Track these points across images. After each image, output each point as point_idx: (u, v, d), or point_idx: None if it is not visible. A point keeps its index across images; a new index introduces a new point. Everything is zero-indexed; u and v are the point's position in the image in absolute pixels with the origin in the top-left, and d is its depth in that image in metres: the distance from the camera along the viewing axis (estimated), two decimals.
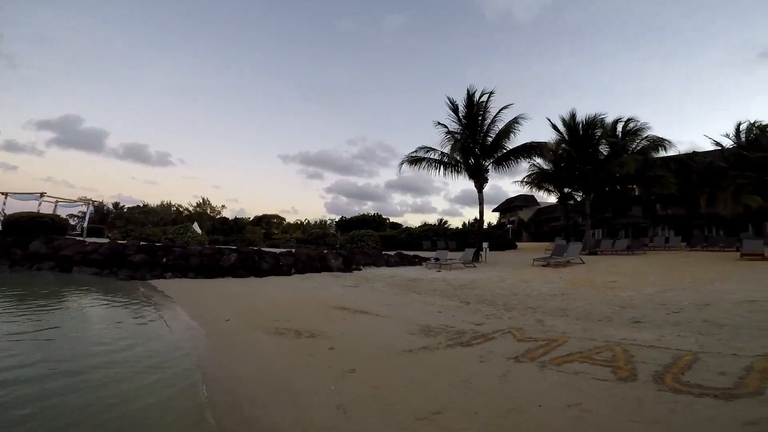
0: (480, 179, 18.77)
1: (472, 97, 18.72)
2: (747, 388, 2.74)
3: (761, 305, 5.65)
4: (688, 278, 9.18)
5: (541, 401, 2.74)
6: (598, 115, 22.41)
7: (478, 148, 18.93)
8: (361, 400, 2.91)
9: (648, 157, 22.33)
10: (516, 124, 18.19)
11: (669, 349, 3.86)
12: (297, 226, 61.41)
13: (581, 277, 10.32)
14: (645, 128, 23.24)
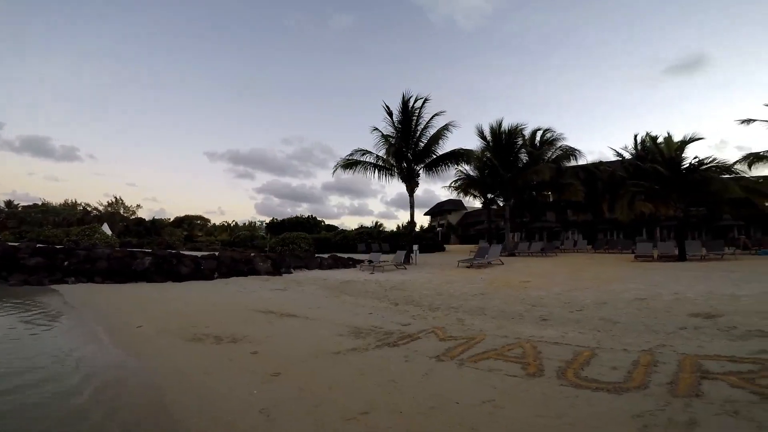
0: (411, 183, 19.25)
1: (407, 102, 19.16)
2: (634, 382, 3.00)
3: (647, 303, 6.40)
4: (591, 278, 10.18)
5: (459, 398, 2.83)
6: (519, 125, 24.23)
7: (410, 153, 19.39)
8: (285, 403, 2.86)
9: (561, 165, 24.56)
10: (446, 130, 18.91)
11: (571, 346, 4.15)
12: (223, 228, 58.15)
13: (500, 278, 10.99)
14: (560, 138, 25.59)
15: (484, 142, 24.96)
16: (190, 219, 58.53)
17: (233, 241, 36.94)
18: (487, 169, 24.77)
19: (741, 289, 7.19)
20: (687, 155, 16.39)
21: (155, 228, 46.23)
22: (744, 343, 3.80)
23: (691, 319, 5.03)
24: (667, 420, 2.32)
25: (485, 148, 24.80)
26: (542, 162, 23.80)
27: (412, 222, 20.34)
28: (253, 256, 15.46)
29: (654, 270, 11.79)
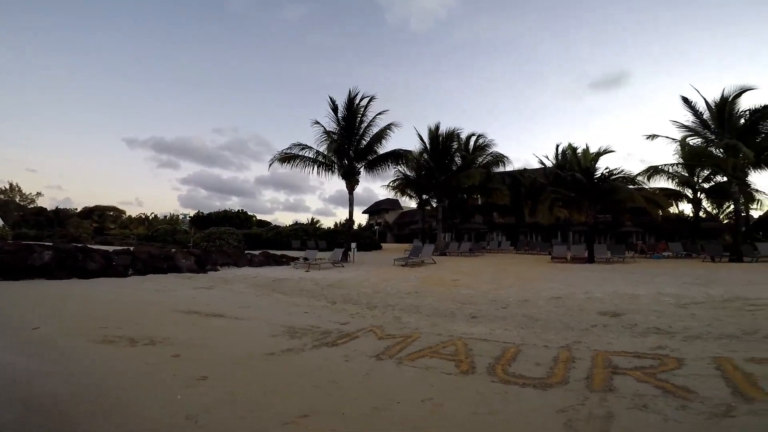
0: (352, 181, 19.13)
1: (353, 99, 19.00)
2: (556, 377, 3.20)
3: (563, 301, 6.96)
4: (514, 278, 10.89)
5: (400, 397, 2.82)
6: (456, 129, 25.27)
7: (352, 150, 19.27)
8: (216, 408, 2.66)
9: (490, 171, 26.04)
10: (389, 130, 19.03)
11: (498, 342, 4.35)
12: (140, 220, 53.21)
13: (432, 276, 11.33)
14: (491, 145, 27.09)
15: (422, 144, 25.70)
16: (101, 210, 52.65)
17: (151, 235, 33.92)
18: (424, 170, 25.48)
19: (639, 289, 8.11)
20: (600, 166, 18.27)
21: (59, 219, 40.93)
22: (645, 340, 4.25)
23: (600, 317, 5.54)
24: (588, 414, 2.46)
25: (423, 150, 25.52)
26: (474, 166, 25.03)
27: (350, 220, 20.25)
28: (175, 251, 14.28)
29: (568, 271, 12.94)
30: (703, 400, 2.58)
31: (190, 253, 14.26)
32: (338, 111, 19.13)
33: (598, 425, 2.31)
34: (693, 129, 18.02)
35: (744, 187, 17.94)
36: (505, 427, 2.37)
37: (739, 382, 2.86)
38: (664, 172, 20.69)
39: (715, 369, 3.18)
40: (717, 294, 7.10)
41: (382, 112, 19.13)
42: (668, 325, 4.84)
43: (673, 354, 3.65)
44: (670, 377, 3.04)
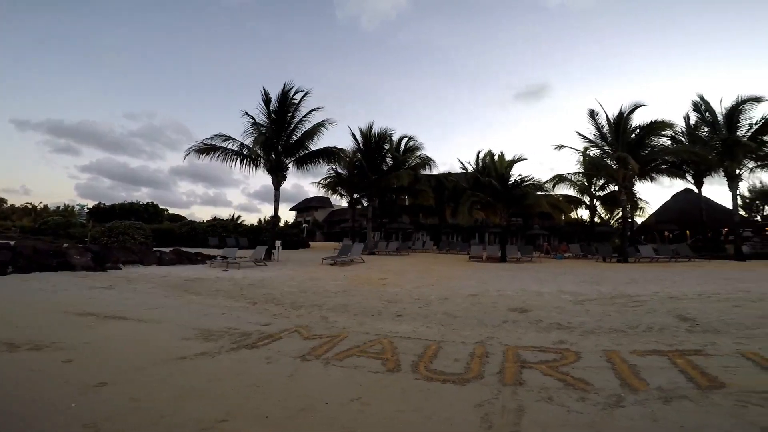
0: (279, 176, 18.44)
1: (287, 93, 18.35)
2: (473, 372, 3.36)
3: (478, 299, 7.40)
4: (436, 276, 11.35)
5: (328, 398, 2.79)
6: (388, 131, 25.78)
7: (281, 145, 18.58)
8: (118, 415, 2.47)
9: (418, 173, 26.91)
10: (323, 127, 18.74)
11: (421, 340, 4.47)
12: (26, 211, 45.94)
13: (361, 275, 11.37)
14: (420, 147, 28.00)
15: (355, 143, 25.79)
16: None
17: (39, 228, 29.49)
18: (356, 169, 25.51)
19: (544, 287, 8.93)
20: (514, 173, 19.84)
21: None
22: (548, 335, 4.66)
23: (510, 314, 5.96)
24: (502, 408, 2.60)
25: (357, 149, 25.59)
26: (404, 168, 25.66)
27: (276, 216, 19.49)
28: (67, 247, 12.57)
29: (483, 269, 13.84)
30: (597, 391, 2.85)
31: (87, 249, 12.66)
32: (270, 104, 18.36)
33: (510, 418, 2.44)
34: (593, 141, 20.39)
35: (631, 195, 20.74)
36: (428, 424, 2.44)
37: (625, 374, 3.21)
38: (567, 180, 23.16)
39: (606, 362, 3.55)
40: (606, 291, 8.04)
41: (317, 109, 18.84)
42: (567, 321, 5.35)
43: (572, 348, 4.03)
44: (570, 370, 3.34)
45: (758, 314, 5.40)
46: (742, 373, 3.17)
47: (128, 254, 13.80)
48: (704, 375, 3.10)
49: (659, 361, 3.52)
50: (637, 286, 8.84)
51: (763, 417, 2.37)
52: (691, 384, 2.92)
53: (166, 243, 24.62)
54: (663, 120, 18.68)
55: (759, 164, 19.44)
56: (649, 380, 3.02)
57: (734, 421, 2.32)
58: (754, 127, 18.91)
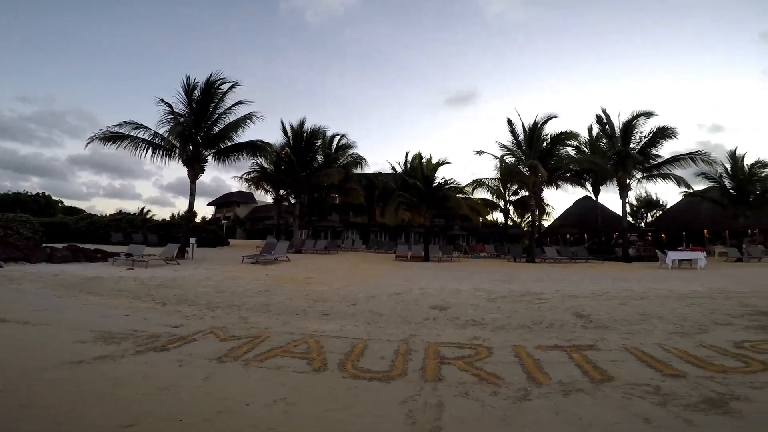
0: (196, 169, 17.13)
1: (212, 83, 17.07)
2: (397, 370, 3.45)
3: (403, 297, 7.62)
4: (363, 275, 11.47)
5: (249, 399, 2.71)
6: (321, 128, 25.41)
7: (201, 136, 17.30)
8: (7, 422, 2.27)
9: (349, 171, 26.88)
10: (249, 120, 17.77)
11: (348, 338, 4.50)
12: None
13: (286, 274, 11.05)
14: (352, 146, 27.98)
15: (285, 138, 25.02)
16: None
17: None
18: (284, 165, 24.70)
19: (461, 285, 9.47)
20: (438, 175, 20.73)
21: None
22: (464, 331, 4.95)
23: (431, 311, 6.23)
24: (424, 403, 2.69)
25: (286, 144, 24.80)
26: (335, 166, 25.45)
27: (191, 211, 18.10)
28: None
29: (408, 268, 14.28)
30: (508, 385, 3.07)
31: None
32: (193, 92, 17.02)
33: (432, 414, 2.54)
34: (509, 148, 22.10)
35: (539, 201, 22.81)
36: (356, 422, 2.46)
37: (531, 368, 3.49)
38: (485, 184, 24.81)
39: (514, 356, 3.86)
40: (516, 289, 8.76)
41: (245, 102, 17.87)
42: (481, 317, 5.74)
43: (485, 344, 4.33)
44: (484, 365, 3.57)
45: (639, 312, 6.15)
46: (627, 367, 3.50)
47: (11, 250, 11.88)
48: (596, 369, 3.42)
49: (559, 356, 3.87)
50: (542, 284, 9.76)
51: (644, 408, 2.60)
52: (586, 378, 3.21)
53: (61, 238, 21.61)
54: (570, 131, 20.81)
55: (645, 175, 22.47)
56: (552, 374, 3.30)
57: (622, 413, 2.54)
58: (643, 141, 21.83)
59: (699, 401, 2.67)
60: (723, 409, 2.54)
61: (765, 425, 2.31)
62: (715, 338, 4.46)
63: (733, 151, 22.20)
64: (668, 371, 3.33)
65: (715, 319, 5.45)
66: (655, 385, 2.97)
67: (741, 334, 4.62)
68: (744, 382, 3.04)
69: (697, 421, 2.39)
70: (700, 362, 3.57)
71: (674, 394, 2.81)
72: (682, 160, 21.16)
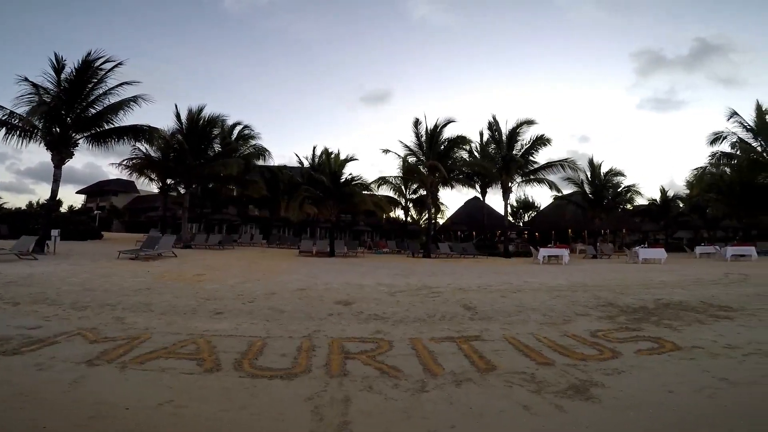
0: (62, 153, 14.50)
1: (91, 62, 14.55)
2: (300, 367, 3.38)
3: (306, 293, 7.49)
4: (263, 271, 10.98)
5: (129, 404, 2.53)
6: (221, 116, 23.30)
7: (72, 117, 14.65)
8: None
9: (251, 162, 25.31)
10: (134, 102, 15.63)
11: (245, 337, 4.29)
12: None
13: (172, 271, 10.04)
14: (256, 137, 26.28)
15: (178, 124, 22.41)
16: None
17: None
18: (174, 152, 22.21)
19: (365, 280, 9.65)
20: (346, 171, 20.80)
21: None
22: (367, 326, 5.03)
23: (336, 306, 6.22)
24: (330, 399, 2.70)
25: (178, 130, 22.24)
26: (235, 156, 23.72)
27: (54, 200, 15.30)
28: None
29: (313, 264, 14.10)
30: (407, 378, 3.18)
31: None
32: (63, 70, 14.37)
33: (339, 409, 2.55)
34: (412, 149, 23.20)
35: (435, 200, 24.41)
36: (255, 421, 2.39)
37: (426, 360, 3.66)
38: (389, 182, 25.68)
39: (412, 349, 4.02)
40: (413, 283, 9.19)
41: (133, 82, 15.69)
42: (383, 311, 5.89)
43: (386, 337, 4.44)
44: (386, 359, 3.68)
45: (516, 303, 6.62)
46: (507, 356, 3.76)
47: None
48: (482, 359, 3.64)
49: (451, 347, 4.11)
50: (436, 278, 10.41)
51: (523, 396, 2.79)
52: (474, 367, 3.41)
53: None
54: (464, 136, 22.71)
55: (524, 179, 25.41)
56: (445, 365, 3.50)
57: (506, 401, 2.71)
58: (524, 148, 24.57)
59: (566, 388, 2.93)
60: (585, 395, 2.80)
61: (618, 409, 2.62)
62: (576, 328, 4.94)
63: (591, 160, 26.44)
64: (540, 360, 3.65)
65: (576, 311, 6.04)
66: (530, 373, 3.27)
67: (595, 324, 5.16)
68: (599, 369, 3.38)
69: (567, 407, 2.61)
70: (565, 351, 3.94)
71: (546, 381, 3.06)
72: (553, 166, 24.40)
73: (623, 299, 7.02)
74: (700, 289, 8.17)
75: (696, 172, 25.70)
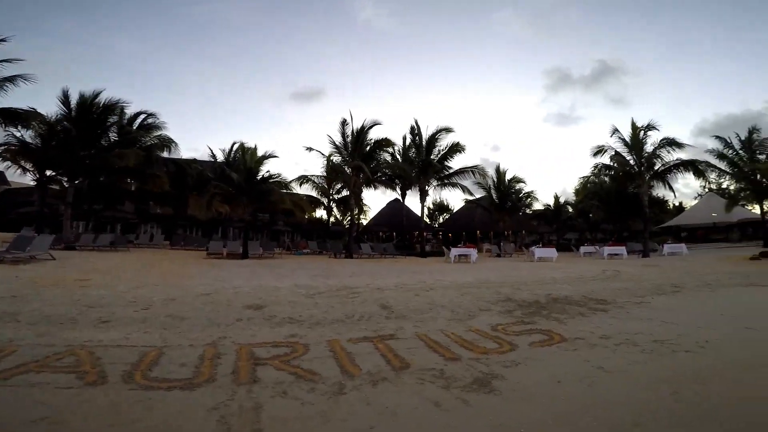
0: None
1: None
2: (203, 376, 3.13)
3: (212, 297, 6.92)
4: (163, 275, 9.98)
5: None
6: (121, 102, 20.41)
7: None
8: None
9: (153, 154, 22.79)
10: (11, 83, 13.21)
11: (137, 347, 3.90)
12: None
13: (48, 276, 8.62)
14: (162, 127, 23.68)
15: (65, 109, 19.04)
16: None
17: None
18: (57, 140, 19.05)
19: (281, 282, 9.28)
20: (264, 168, 19.87)
21: None
22: (281, 329, 4.80)
23: (245, 311, 5.84)
24: (239, 408, 2.56)
25: (65, 116, 18.99)
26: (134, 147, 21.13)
27: None
28: None
29: (222, 266, 13.18)
30: (324, 380, 3.09)
31: None
32: None
33: (249, 417, 2.42)
34: (338, 147, 23.03)
35: (359, 201, 24.55)
36: None
37: (344, 361, 3.61)
38: (311, 181, 25.19)
39: (329, 351, 3.93)
40: (333, 284, 9.10)
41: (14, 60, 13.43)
42: (299, 314, 5.69)
43: (301, 341, 4.28)
44: (301, 362, 3.53)
45: (428, 302, 6.88)
46: (419, 353, 3.82)
47: None
48: (397, 357, 3.68)
49: (368, 347, 4.10)
50: (356, 279, 10.44)
51: (434, 392, 2.84)
52: (389, 366, 3.43)
53: None
54: (389, 139, 23.41)
55: (440, 183, 26.82)
56: (362, 365, 3.48)
57: (418, 398, 2.75)
58: (441, 153, 25.90)
59: (471, 382, 3.03)
60: (488, 388, 2.92)
61: (515, 401, 2.77)
62: (480, 323, 5.20)
63: (498, 167, 28.88)
64: (449, 355, 3.76)
65: (480, 306, 6.48)
66: (439, 369, 3.37)
67: (496, 318, 5.46)
68: (499, 361, 3.55)
69: (472, 401, 2.70)
70: (469, 345, 4.11)
71: (454, 377, 3.15)
72: (466, 172, 26.33)
73: (520, 294, 7.67)
74: (582, 285, 9.31)
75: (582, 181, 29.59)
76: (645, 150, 22.93)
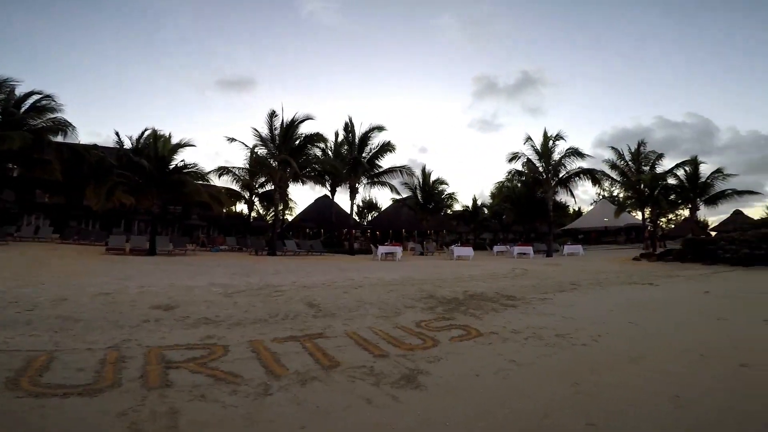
0: None
1: None
2: (106, 381, 2.87)
3: (113, 297, 6.24)
4: (51, 272, 8.80)
5: None
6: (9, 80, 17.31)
7: None
8: None
9: (45, 138, 19.60)
10: None
11: (21, 351, 3.50)
12: None
13: None
14: (57, 109, 20.32)
15: None
16: None
17: None
18: None
19: (195, 281, 8.62)
20: (177, 158, 18.23)
21: None
22: (196, 331, 4.49)
23: (153, 312, 5.36)
24: (150, 413, 2.40)
25: None
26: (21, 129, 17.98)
27: None
28: None
29: (125, 263, 11.95)
30: (247, 382, 2.97)
31: None
32: None
33: (164, 422, 2.28)
34: (264, 140, 21.83)
35: (284, 196, 23.73)
36: None
37: (269, 362, 3.48)
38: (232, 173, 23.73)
39: (252, 352, 3.77)
40: (254, 282, 8.69)
41: None
42: (216, 314, 5.35)
43: (220, 342, 4.05)
44: (220, 364, 3.35)
45: (356, 299, 7.01)
46: (349, 351, 3.84)
47: None
48: (326, 356, 3.66)
49: (294, 346, 4.01)
50: (280, 276, 10.11)
51: (365, 389, 2.87)
52: (318, 365, 3.41)
53: None
54: (321, 134, 22.58)
55: (369, 181, 26.99)
56: (288, 365, 3.39)
57: (350, 396, 2.76)
58: (372, 152, 26.06)
59: (399, 378, 3.11)
60: (414, 384, 3.00)
61: (440, 395, 2.89)
62: (405, 320, 5.33)
63: (424, 168, 30.06)
64: (377, 352, 3.83)
65: (405, 303, 6.55)
66: (369, 366, 3.41)
67: (420, 315, 5.64)
68: (424, 357, 3.66)
69: (401, 397, 2.77)
70: (396, 342, 4.20)
71: (383, 373, 3.21)
72: (394, 171, 26.91)
73: (441, 291, 8.06)
74: (495, 282, 10.06)
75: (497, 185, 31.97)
76: (553, 158, 25.33)
